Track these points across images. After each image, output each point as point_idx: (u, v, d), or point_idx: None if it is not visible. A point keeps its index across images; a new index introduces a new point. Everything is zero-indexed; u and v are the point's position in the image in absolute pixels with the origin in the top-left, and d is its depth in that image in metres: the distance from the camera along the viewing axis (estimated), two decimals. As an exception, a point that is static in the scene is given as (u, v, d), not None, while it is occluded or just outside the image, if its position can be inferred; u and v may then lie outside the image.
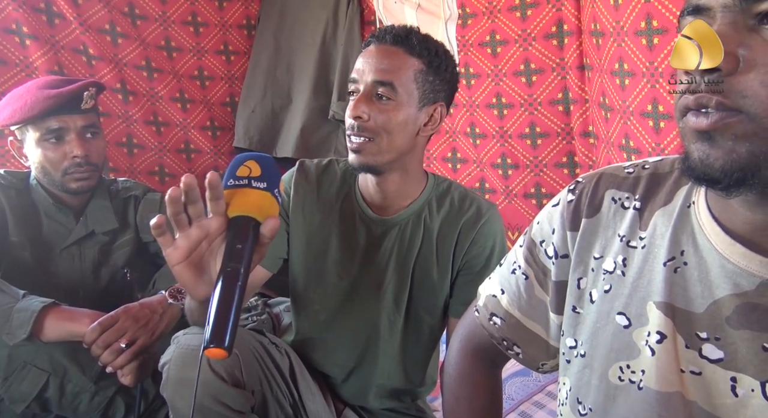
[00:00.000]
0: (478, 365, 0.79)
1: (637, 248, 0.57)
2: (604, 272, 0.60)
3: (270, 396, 0.98)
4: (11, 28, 1.93)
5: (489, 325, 0.75)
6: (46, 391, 1.16)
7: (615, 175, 0.62)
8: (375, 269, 1.04)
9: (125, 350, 1.00)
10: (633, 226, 0.58)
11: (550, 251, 0.66)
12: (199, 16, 2.37)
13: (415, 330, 1.07)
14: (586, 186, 0.64)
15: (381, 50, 0.95)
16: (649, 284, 0.55)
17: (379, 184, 1.01)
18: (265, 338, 1.04)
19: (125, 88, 2.22)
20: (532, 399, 1.55)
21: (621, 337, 0.56)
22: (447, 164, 2.13)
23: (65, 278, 1.28)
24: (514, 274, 0.71)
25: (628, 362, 0.56)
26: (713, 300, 0.50)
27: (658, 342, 0.53)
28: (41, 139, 1.21)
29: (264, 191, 0.64)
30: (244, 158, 0.66)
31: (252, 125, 2.44)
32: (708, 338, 0.50)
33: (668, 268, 0.54)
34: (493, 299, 0.74)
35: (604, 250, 0.60)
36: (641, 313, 0.55)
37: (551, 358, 0.72)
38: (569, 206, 0.64)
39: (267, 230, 0.62)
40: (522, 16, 1.76)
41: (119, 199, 1.37)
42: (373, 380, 1.10)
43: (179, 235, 0.62)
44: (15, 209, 1.24)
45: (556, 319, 0.67)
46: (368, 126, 0.94)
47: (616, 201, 0.61)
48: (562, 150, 1.81)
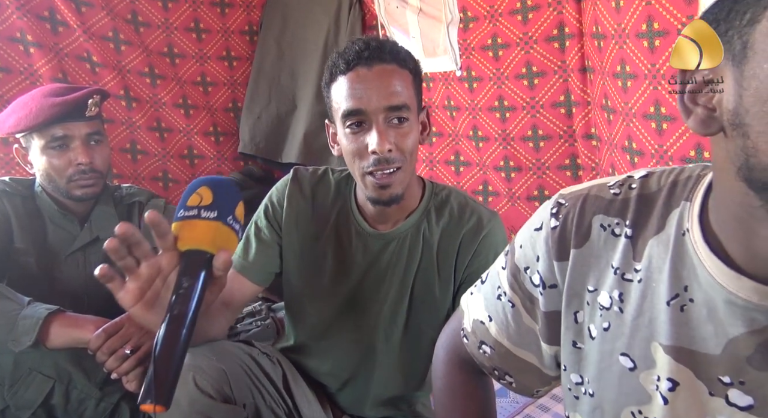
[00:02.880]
0: (467, 376, 0.76)
1: (633, 282, 0.53)
2: (600, 307, 0.56)
3: (264, 407, 0.96)
4: (16, 36, 1.94)
5: (479, 354, 0.71)
6: (52, 397, 1.16)
7: (601, 198, 0.57)
8: (372, 284, 1.01)
9: (130, 356, 0.99)
10: (626, 256, 0.54)
11: (535, 279, 0.61)
12: (202, 22, 2.39)
13: (415, 342, 1.04)
14: (570, 211, 0.58)
15: (379, 72, 0.87)
16: (650, 322, 0.51)
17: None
18: (255, 349, 1.02)
19: (128, 94, 2.23)
20: (537, 402, 1.55)
21: (628, 380, 0.53)
22: (450, 167, 2.13)
23: (70, 285, 1.28)
24: (500, 300, 0.67)
25: (639, 407, 0.52)
26: (728, 339, 0.46)
27: (671, 390, 0.49)
28: (46, 146, 1.21)
29: (213, 221, 0.60)
30: (197, 185, 0.63)
31: (258, 132, 2.44)
32: (732, 382, 0.46)
33: (673, 307, 0.49)
34: (482, 325, 0.70)
35: (597, 282, 0.56)
36: (646, 354, 0.51)
37: (545, 385, 0.69)
38: (554, 233, 0.59)
39: (219, 263, 0.60)
40: (523, 19, 1.76)
41: (123, 205, 1.38)
42: (370, 391, 1.08)
43: (129, 278, 0.60)
44: (20, 215, 1.24)
45: (548, 349, 0.63)
46: (395, 156, 0.88)
47: (606, 228, 0.56)
48: (564, 152, 1.81)
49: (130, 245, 0.59)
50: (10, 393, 1.15)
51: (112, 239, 0.57)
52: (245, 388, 0.93)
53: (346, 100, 0.88)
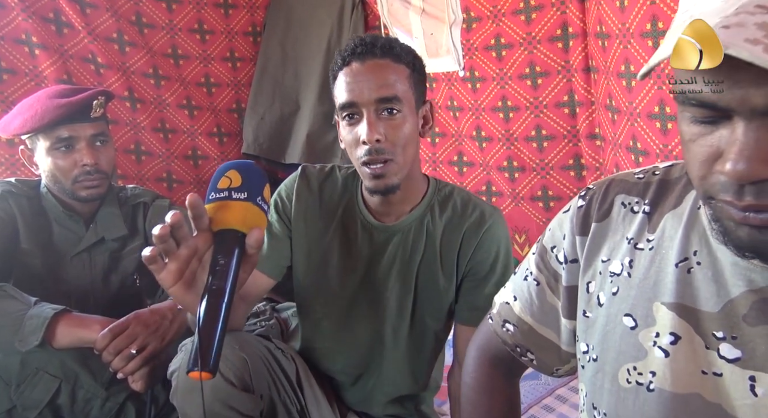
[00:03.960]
0: (496, 374, 0.79)
1: (644, 250, 0.58)
2: (611, 274, 0.60)
3: (278, 401, 0.98)
4: (21, 38, 1.95)
5: (502, 332, 0.75)
6: (58, 397, 1.17)
7: (625, 181, 0.63)
8: (378, 277, 1.04)
9: (136, 356, 1.00)
10: (641, 229, 0.59)
11: (560, 257, 0.66)
12: (206, 23, 2.39)
13: (421, 336, 1.06)
14: (596, 192, 0.64)
15: (372, 66, 0.92)
16: (655, 284, 0.56)
17: (385, 196, 1.00)
18: (272, 344, 1.04)
19: (133, 95, 2.24)
20: (541, 403, 1.55)
21: (628, 339, 0.57)
22: (453, 168, 2.13)
23: (76, 285, 1.29)
24: (526, 281, 0.72)
25: (635, 363, 0.56)
26: (729, 299, 0.50)
27: (672, 343, 0.53)
28: (51, 147, 1.22)
29: (244, 202, 0.63)
30: (225, 168, 0.66)
31: (261, 132, 2.45)
32: (725, 337, 0.50)
33: (681, 269, 0.54)
34: (506, 306, 0.75)
35: (611, 253, 0.61)
36: (648, 314, 0.55)
37: (565, 363, 0.72)
38: (579, 212, 0.64)
39: (252, 241, 0.63)
40: (526, 19, 1.76)
41: (128, 206, 1.38)
42: (379, 387, 1.09)
43: (169, 259, 0.63)
44: (26, 216, 1.25)
45: (568, 324, 0.67)
46: (386, 147, 0.92)
47: (626, 205, 0.61)
48: (568, 152, 1.80)
49: (174, 229, 0.62)
50: (17, 393, 1.15)
51: (164, 226, 0.60)
52: (263, 380, 0.95)
53: (342, 94, 0.94)
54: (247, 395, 0.91)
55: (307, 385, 1.06)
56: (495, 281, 1.01)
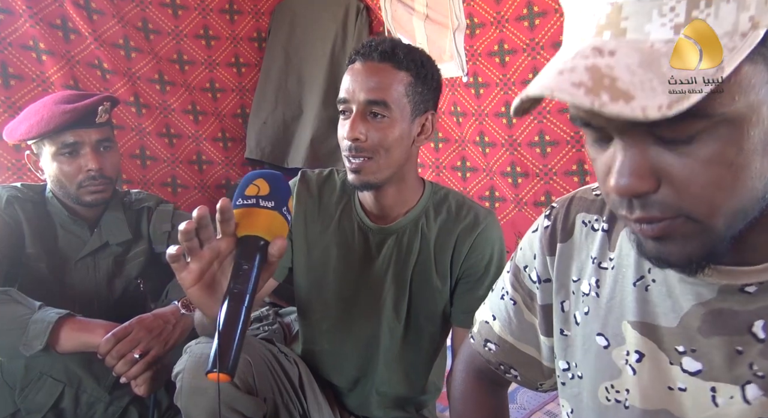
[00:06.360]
0: (482, 387, 0.80)
1: (608, 269, 0.59)
2: (582, 294, 0.61)
3: (281, 404, 0.98)
4: (28, 44, 1.97)
5: (485, 351, 0.76)
6: (62, 401, 1.18)
7: (584, 198, 0.64)
8: (374, 278, 1.05)
9: (139, 360, 1.01)
10: (603, 247, 0.60)
11: (533, 276, 0.67)
12: (211, 29, 2.41)
13: (416, 338, 1.07)
14: (559, 212, 0.65)
15: (369, 68, 0.94)
16: (621, 303, 0.57)
17: (377, 197, 1.02)
18: (275, 347, 1.05)
19: (138, 101, 2.26)
20: (544, 408, 1.54)
21: (603, 357, 0.58)
22: (457, 173, 2.14)
23: (80, 289, 1.30)
24: (503, 299, 0.72)
25: (611, 381, 0.57)
26: (684, 313, 0.51)
27: (638, 361, 0.54)
28: (57, 153, 1.23)
29: (271, 211, 0.64)
30: (253, 176, 0.67)
31: (264, 137, 2.46)
32: (685, 351, 0.51)
33: (639, 287, 0.55)
34: (486, 325, 0.76)
35: (580, 272, 0.62)
36: (618, 333, 0.56)
37: (547, 378, 0.73)
38: (546, 232, 0.66)
39: (275, 250, 0.64)
40: (530, 25, 1.76)
41: (132, 210, 1.39)
42: (376, 389, 1.10)
43: (191, 258, 0.63)
44: (31, 221, 1.26)
45: (546, 341, 0.68)
46: (366, 146, 0.94)
47: (587, 224, 0.62)
48: (572, 158, 1.80)
49: (200, 227, 0.62)
50: (21, 397, 1.16)
51: (190, 222, 0.61)
52: (267, 383, 0.96)
53: (341, 89, 0.97)
54: (251, 398, 0.92)
55: (309, 389, 1.06)
56: (489, 284, 1.01)
